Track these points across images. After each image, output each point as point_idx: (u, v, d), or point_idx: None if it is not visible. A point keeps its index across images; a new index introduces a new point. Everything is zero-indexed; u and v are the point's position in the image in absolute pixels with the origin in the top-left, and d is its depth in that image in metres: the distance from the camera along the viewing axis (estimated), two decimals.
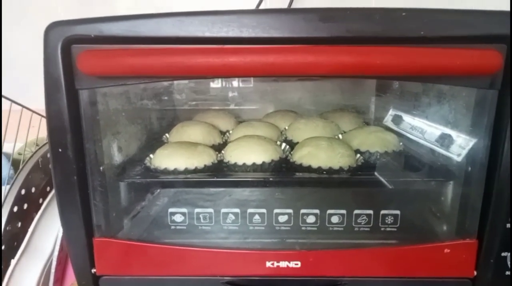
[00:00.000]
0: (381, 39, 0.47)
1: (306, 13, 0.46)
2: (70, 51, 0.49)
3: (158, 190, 0.66)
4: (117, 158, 0.63)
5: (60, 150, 0.51)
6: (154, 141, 0.78)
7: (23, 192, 0.72)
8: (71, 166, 0.53)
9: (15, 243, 0.71)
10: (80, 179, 0.54)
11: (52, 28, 0.49)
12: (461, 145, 0.58)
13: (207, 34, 0.48)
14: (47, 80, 0.50)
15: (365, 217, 0.58)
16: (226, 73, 0.47)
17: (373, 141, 0.71)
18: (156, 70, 0.48)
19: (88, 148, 0.54)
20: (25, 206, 0.73)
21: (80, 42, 0.49)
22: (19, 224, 0.72)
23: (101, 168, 0.57)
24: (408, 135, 0.76)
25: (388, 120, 0.90)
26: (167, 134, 0.81)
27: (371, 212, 0.58)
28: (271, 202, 0.61)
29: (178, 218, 0.60)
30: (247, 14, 0.48)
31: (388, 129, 0.78)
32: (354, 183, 0.63)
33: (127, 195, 0.64)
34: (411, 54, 0.46)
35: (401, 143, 0.74)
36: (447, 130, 0.62)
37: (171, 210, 0.60)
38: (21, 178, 0.72)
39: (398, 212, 0.58)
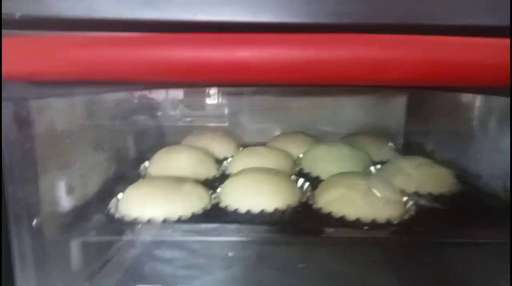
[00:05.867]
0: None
1: None
2: None
3: (123, 253, 0.46)
4: (66, 202, 0.43)
5: None
6: (127, 174, 0.58)
7: None
8: None
9: None
10: None
11: None
12: None
13: (200, 17, 0.29)
14: None
15: None
16: (229, 77, 0.28)
17: (423, 179, 0.53)
18: (116, 70, 0.29)
19: (10, 192, 0.35)
20: None
21: None
22: None
23: (33, 223, 0.37)
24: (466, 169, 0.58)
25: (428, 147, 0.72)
26: (146, 163, 0.62)
27: None
28: (290, 275, 0.41)
29: None
30: None
31: (437, 161, 0.59)
32: (414, 246, 0.43)
33: (79, 261, 0.44)
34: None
35: (456, 180, 0.55)
36: None
37: None
38: None
39: None
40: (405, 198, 0.50)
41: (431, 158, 0.61)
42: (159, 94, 0.78)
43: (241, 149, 0.69)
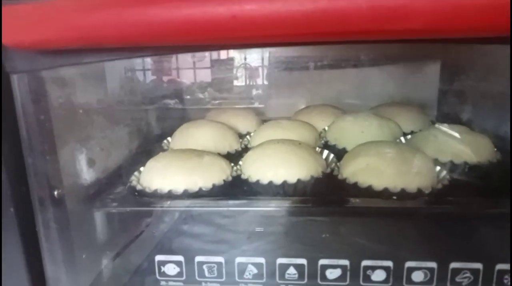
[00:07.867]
0: None
1: None
2: None
3: (144, 225, 0.46)
4: (87, 175, 0.44)
5: None
6: (151, 149, 0.58)
7: None
8: (5, 193, 0.34)
9: None
10: (22, 212, 0.35)
11: None
12: None
13: None
14: None
15: (468, 275, 0.36)
16: (237, 35, 0.26)
17: (458, 148, 0.49)
18: (117, 33, 0.28)
19: (31, 164, 0.35)
20: None
21: None
22: None
23: (55, 193, 0.38)
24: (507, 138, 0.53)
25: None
26: (169, 139, 0.61)
27: (479, 266, 0.36)
28: (313, 246, 0.40)
29: (171, 270, 0.40)
30: None
31: (473, 129, 0.55)
32: (447, 217, 0.40)
33: (103, 233, 0.44)
34: None
35: (495, 149, 0.51)
36: None
37: (159, 257, 0.40)
38: None
39: None
40: (438, 168, 0.47)
41: (469, 127, 0.57)
42: (187, 77, 0.78)
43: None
